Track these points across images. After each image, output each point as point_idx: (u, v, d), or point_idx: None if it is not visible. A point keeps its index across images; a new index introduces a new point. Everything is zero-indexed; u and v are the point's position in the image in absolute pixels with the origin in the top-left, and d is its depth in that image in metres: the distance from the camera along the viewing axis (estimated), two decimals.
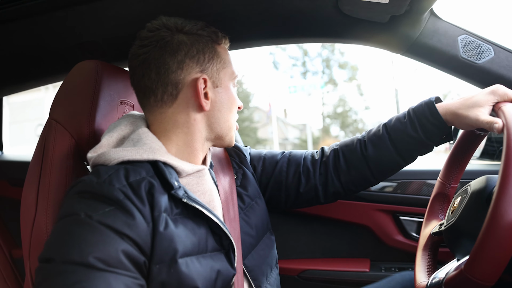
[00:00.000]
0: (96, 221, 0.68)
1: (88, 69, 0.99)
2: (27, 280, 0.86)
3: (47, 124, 0.98)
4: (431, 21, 1.15)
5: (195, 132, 0.90)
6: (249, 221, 1.00)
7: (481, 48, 1.13)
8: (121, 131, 0.89)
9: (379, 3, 1.03)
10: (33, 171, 0.93)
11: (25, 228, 0.89)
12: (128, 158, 0.81)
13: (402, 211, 1.55)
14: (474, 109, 0.87)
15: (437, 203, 1.07)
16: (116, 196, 0.72)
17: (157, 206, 0.75)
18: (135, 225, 0.71)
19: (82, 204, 0.71)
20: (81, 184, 0.75)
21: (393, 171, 1.06)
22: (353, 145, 1.08)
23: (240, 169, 1.09)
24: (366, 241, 1.62)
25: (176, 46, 0.87)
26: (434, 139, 0.97)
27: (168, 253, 0.74)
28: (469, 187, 0.88)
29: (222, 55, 0.93)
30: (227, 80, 0.94)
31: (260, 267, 0.98)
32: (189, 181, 0.88)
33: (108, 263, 0.64)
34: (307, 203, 1.13)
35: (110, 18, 1.18)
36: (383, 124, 1.06)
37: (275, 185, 1.12)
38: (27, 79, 1.70)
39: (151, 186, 0.78)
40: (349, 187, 1.09)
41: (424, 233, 1.04)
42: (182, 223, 0.79)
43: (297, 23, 1.25)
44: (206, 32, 0.91)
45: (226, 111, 0.94)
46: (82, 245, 0.65)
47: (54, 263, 0.64)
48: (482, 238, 0.63)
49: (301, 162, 1.12)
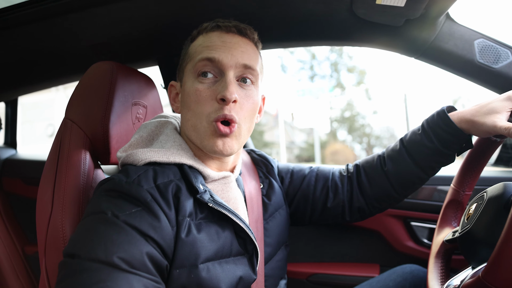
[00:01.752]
0: (122, 221, 0.68)
1: (104, 70, 1.01)
2: (42, 276, 0.87)
3: (63, 123, 1.00)
4: (446, 24, 1.14)
5: (184, 134, 0.91)
6: (270, 230, 1.00)
7: (499, 52, 1.12)
8: (151, 131, 0.91)
9: (394, 6, 1.03)
10: (49, 170, 0.94)
11: (41, 226, 0.90)
12: (155, 159, 0.82)
13: (413, 217, 1.53)
14: (491, 115, 0.86)
15: (450, 210, 1.06)
16: (144, 197, 0.73)
17: (182, 210, 0.76)
18: (160, 227, 0.71)
19: (109, 203, 0.72)
20: (110, 182, 0.76)
21: (415, 184, 1.04)
22: (373, 161, 1.09)
23: (267, 179, 1.09)
24: (376, 246, 1.61)
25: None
26: (452, 148, 0.96)
27: (189, 259, 0.74)
28: (485, 194, 0.86)
29: (190, 50, 0.90)
30: (188, 75, 0.88)
31: (274, 277, 0.98)
32: (214, 187, 0.88)
33: (131, 264, 0.65)
34: (333, 219, 1.13)
35: (124, 20, 1.18)
36: (400, 139, 1.06)
37: (301, 199, 1.12)
38: (42, 79, 1.73)
39: (178, 189, 0.78)
40: (372, 203, 1.09)
41: (437, 240, 1.03)
42: (206, 228, 0.79)
43: (311, 26, 1.25)
44: (190, 36, 0.95)
45: (184, 109, 0.88)
46: (107, 244, 0.65)
47: (79, 259, 0.64)
48: (501, 245, 0.61)
49: (329, 177, 1.12)
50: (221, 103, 0.81)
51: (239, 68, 0.85)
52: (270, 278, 0.96)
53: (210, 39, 0.87)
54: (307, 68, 20.37)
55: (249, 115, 0.87)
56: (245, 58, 0.86)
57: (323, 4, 1.11)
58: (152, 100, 1.15)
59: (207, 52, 0.84)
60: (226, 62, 0.83)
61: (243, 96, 0.86)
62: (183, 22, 1.21)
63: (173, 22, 1.21)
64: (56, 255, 0.84)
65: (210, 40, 0.87)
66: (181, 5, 1.12)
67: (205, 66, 0.84)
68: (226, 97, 0.80)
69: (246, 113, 0.86)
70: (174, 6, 1.12)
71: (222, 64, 0.84)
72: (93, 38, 1.31)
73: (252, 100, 0.88)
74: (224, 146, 0.83)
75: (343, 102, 21.06)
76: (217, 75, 0.85)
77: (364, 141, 21.27)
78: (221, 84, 0.83)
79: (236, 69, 0.85)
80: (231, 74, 0.84)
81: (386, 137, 20.94)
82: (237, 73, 0.86)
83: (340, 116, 20.93)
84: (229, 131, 0.82)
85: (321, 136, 20.81)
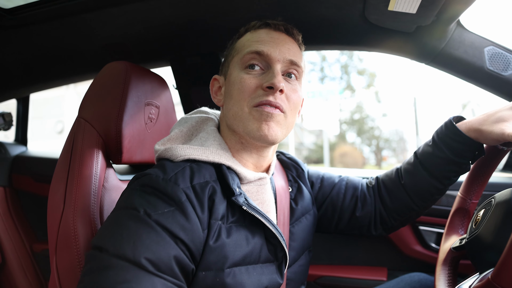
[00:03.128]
0: (154, 220, 0.68)
1: (118, 70, 1.02)
2: (52, 275, 0.87)
3: (76, 122, 1.01)
4: (457, 32, 1.14)
5: (224, 129, 0.92)
6: (295, 235, 0.99)
7: (508, 60, 1.12)
8: (191, 127, 0.91)
9: (406, 13, 1.03)
10: (61, 168, 0.95)
11: (52, 224, 0.90)
12: (194, 157, 0.82)
13: (422, 221, 1.53)
14: (499, 124, 0.87)
15: (457, 218, 1.06)
16: (179, 197, 0.72)
17: (215, 213, 0.76)
18: (191, 230, 0.71)
19: (143, 199, 0.71)
20: (146, 177, 0.76)
21: (434, 195, 1.05)
22: (392, 175, 1.11)
23: (296, 183, 1.08)
24: (384, 250, 1.61)
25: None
26: (465, 156, 0.97)
27: (216, 263, 0.74)
28: (493, 200, 0.87)
29: (237, 45, 0.92)
30: (233, 66, 0.89)
31: (295, 282, 0.98)
32: (249, 188, 0.88)
33: (158, 267, 0.65)
34: (358, 230, 1.13)
35: (139, 21, 1.20)
36: (414, 152, 1.08)
37: (330, 206, 1.12)
38: (55, 78, 1.75)
39: (213, 191, 0.78)
40: (394, 216, 1.10)
41: (444, 247, 1.03)
42: (236, 232, 0.78)
43: (323, 30, 1.26)
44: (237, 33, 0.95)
45: (227, 99, 0.88)
46: (137, 243, 0.65)
47: (107, 254, 0.64)
48: (510, 247, 0.62)
49: (358, 187, 1.13)
50: (267, 90, 0.82)
51: (286, 63, 0.87)
52: (291, 282, 0.96)
53: (258, 35, 0.89)
54: (318, 70, 20.29)
55: (294, 108, 0.88)
56: (291, 54, 0.87)
57: (335, 9, 1.12)
58: (165, 100, 1.17)
59: (256, 45, 0.86)
60: (274, 56, 0.85)
61: (289, 88, 0.87)
62: (196, 24, 1.22)
63: (186, 24, 1.23)
64: (67, 254, 0.84)
65: (259, 36, 0.89)
66: (194, 8, 1.13)
67: (252, 58, 0.86)
68: (275, 84, 0.81)
69: (292, 105, 0.87)
70: (188, 8, 1.14)
71: (270, 57, 0.85)
72: (108, 38, 1.33)
73: (298, 94, 0.89)
74: (269, 131, 0.82)
75: (352, 104, 20.94)
76: (264, 68, 0.86)
77: (373, 143, 21.13)
78: (268, 74, 0.84)
79: (283, 63, 0.86)
80: (278, 67, 0.85)
81: (395, 140, 20.79)
82: (283, 68, 0.87)
83: (349, 118, 20.82)
84: (274, 112, 0.82)
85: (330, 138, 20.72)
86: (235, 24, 1.19)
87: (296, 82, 0.89)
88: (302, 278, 1.02)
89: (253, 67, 0.86)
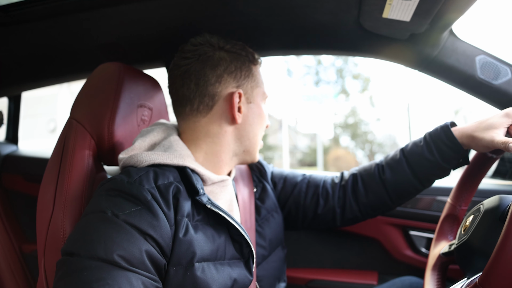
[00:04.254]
0: (122, 220, 0.70)
1: (111, 71, 1.02)
2: (40, 277, 0.87)
3: (68, 123, 1.00)
4: (450, 40, 1.16)
5: (224, 144, 0.95)
6: (263, 233, 1.02)
7: (499, 69, 1.14)
8: (154, 137, 0.93)
9: (400, 21, 1.04)
10: (51, 169, 0.95)
11: (41, 226, 0.90)
12: (158, 161, 0.84)
13: (412, 226, 1.55)
14: (489, 131, 0.90)
15: (446, 224, 1.07)
16: (145, 196, 0.74)
17: (180, 211, 0.78)
18: (159, 226, 0.73)
19: (109, 202, 0.73)
20: (111, 182, 0.78)
21: (411, 194, 1.08)
22: (371, 169, 1.11)
23: (260, 183, 1.13)
24: (375, 254, 1.62)
25: (217, 61, 0.93)
26: (451, 163, 1.00)
27: (185, 257, 0.76)
28: (482, 206, 0.88)
29: (256, 75, 1.01)
30: (259, 98, 1.01)
31: (269, 278, 1.00)
32: (213, 189, 0.91)
33: (131, 262, 0.67)
34: (324, 225, 1.16)
35: (135, 21, 1.20)
36: (400, 149, 1.09)
37: (293, 205, 1.15)
38: (48, 76, 1.74)
39: (177, 190, 0.81)
40: (367, 210, 1.11)
41: (433, 253, 1.04)
42: (202, 230, 0.81)
43: (318, 36, 1.27)
44: (245, 52, 0.98)
45: (257, 126, 0.99)
46: (107, 243, 0.66)
47: (79, 257, 0.65)
48: (498, 251, 0.63)
49: (320, 185, 1.15)
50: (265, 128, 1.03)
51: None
52: (264, 279, 0.98)
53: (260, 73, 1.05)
54: (313, 73, 20.35)
55: None
56: None
57: (331, 15, 1.13)
58: (158, 102, 1.17)
59: (267, 90, 1.05)
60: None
61: None
62: (192, 26, 1.22)
63: (182, 26, 1.23)
64: (56, 255, 0.84)
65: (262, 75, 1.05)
66: (191, 9, 1.13)
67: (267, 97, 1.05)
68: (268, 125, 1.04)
69: None
70: (184, 10, 1.14)
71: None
72: (102, 38, 1.32)
73: None
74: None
75: (347, 109, 21.04)
76: None
77: (367, 147, 21.23)
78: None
79: None
80: None
81: (388, 145, 20.90)
82: None
83: (343, 122, 20.91)
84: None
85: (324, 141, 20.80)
86: (230, 27, 1.19)
87: None
88: (277, 273, 1.04)
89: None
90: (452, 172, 1.04)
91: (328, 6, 1.08)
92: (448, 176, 1.04)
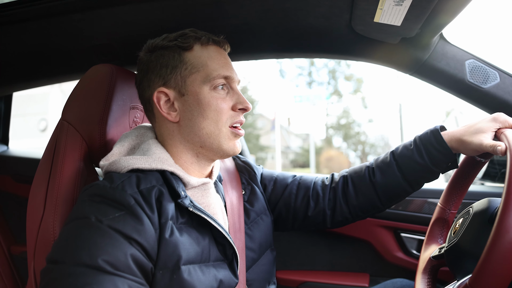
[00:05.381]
0: (106, 225, 0.70)
1: (103, 73, 1.01)
2: (30, 280, 0.86)
3: (59, 125, 1.00)
4: (440, 44, 1.18)
5: (179, 145, 0.93)
6: (253, 236, 1.02)
7: (487, 73, 1.16)
8: (132, 141, 0.93)
9: (391, 25, 1.06)
10: (42, 171, 0.94)
11: (31, 228, 0.89)
12: (137, 166, 0.84)
13: (403, 228, 1.56)
14: (478, 135, 0.92)
15: (436, 228, 1.09)
16: (128, 201, 0.74)
17: (164, 214, 0.78)
18: (144, 230, 0.73)
19: (93, 207, 0.73)
20: (94, 187, 0.78)
21: (400, 197, 1.09)
22: (361, 171, 1.12)
23: (249, 185, 1.12)
24: (367, 256, 1.63)
25: (146, 67, 0.94)
26: (440, 166, 1.01)
27: (172, 260, 0.76)
28: (471, 209, 0.90)
29: (190, 60, 0.91)
30: (198, 84, 0.90)
31: (259, 281, 1.00)
32: (193, 193, 0.90)
33: (116, 266, 0.66)
34: (315, 227, 1.15)
35: (127, 23, 1.20)
36: (391, 151, 1.09)
37: (283, 207, 1.14)
38: (40, 77, 1.72)
39: (160, 193, 0.81)
40: (356, 212, 1.12)
41: (424, 256, 1.05)
42: (186, 232, 0.81)
43: (310, 39, 1.28)
44: (174, 42, 0.93)
45: (198, 117, 0.90)
46: (92, 248, 0.66)
47: (64, 265, 0.65)
48: (487, 252, 0.65)
49: (310, 186, 1.14)
50: (239, 111, 0.93)
51: (237, 82, 0.97)
52: (255, 282, 0.98)
53: (212, 53, 0.94)
54: (306, 74, 20.44)
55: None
56: (238, 74, 0.98)
57: (323, 19, 1.13)
58: None
59: (223, 70, 0.92)
60: (235, 79, 0.96)
61: None
62: (185, 28, 1.22)
63: (175, 28, 1.23)
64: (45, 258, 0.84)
65: (215, 55, 0.94)
66: (184, 12, 1.14)
67: (221, 81, 0.92)
68: (248, 108, 0.94)
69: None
70: (177, 13, 1.14)
71: (233, 80, 0.95)
72: (95, 39, 1.32)
73: None
74: (239, 147, 0.95)
75: (339, 110, 21.17)
76: (226, 88, 0.94)
77: (359, 148, 21.37)
78: (234, 96, 0.94)
79: (237, 83, 0.97)
80: (238, 88, 0.96)
81: (380, 146, 21.05)
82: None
83: (336, 123, 21.04)
84: (242, 131, 0.95)
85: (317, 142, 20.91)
86: (223, 30, 1.20)
87: None
88: (267, 276, 1.04)
89: (221, 88, 0.92)
90: (441, 175, 1.06)
91: (320, 10, 1.09)
92: (437, 179, 1.06)
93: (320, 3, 1.06)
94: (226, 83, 0.93)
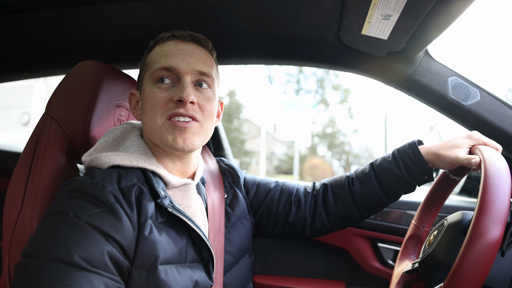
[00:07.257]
0: (84, 221, 0.69)
1: (90, 70, 1.00)
2: (4, 274, 0.85)
3: (42, 119, 0.98)
4: (425, 60, 1.21)
5: (147, 139, 0.94)
6: (232, 240, 1.02)
7: (469, 91, 1.19)
8: (117, 136, 0.93)
9: (378, 38, 1.08)
10: (22, 165, 0.92)
11: (8, 222, 0.88)
12: (119, 163, 0.84)
13: (381, 238, 1.58)
14: (454, 149, 0.96)
15: (410, 244, 1.12)
16: (107, 198, 0.74)
17: (144, 212, 0.78)
18: (122, 228, 0.73)
19: (72, 203, 0.72)
20: (74, 183, 0.77)
21: (377, 208, 1.11)
22: (341, 181, 1.14)
23: (231, 189, 1.12)
24: (344, 264, 1.65)
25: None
26: (416, 178, 1.05)
27: (149, 259, 0.76)
28: (445, 221, 0.93)
29: (148, 60, 0.93)
30: (146, 82, 0.91)
31: (236, 285, 1.00)
32: (174, 193, 0.90)
33: (92, 263, 0.66)
34: (294, 233, 1.16)
35: (117, 21, 1.19)
36: (370, 163, 1.12)
37: (265, 211, 1.15)
38: (25, 70, 1.70)
39: (140, 192, 0.80)
40: (335, 221, 1.13)
41: (397, 271, 1.08)
42: (165, 232, 0.81)
43: (298, 47, 1.30)
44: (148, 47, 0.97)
45: (143, 114, 0.91)
46: (68, 244, 0.66)
47: (38, 259, 0.64)
48: (461, 256, 0.67)
49: (293, 192, 1.16)
50: (178, 103, 0.85)
51: (195, 74, 0.90)
52: (232, 286, 0.99)
53: (166, 48, 0.91)
54: (294, 81, 20.57)
55: (209, 116, 0.91)
56: (200, 65, 0.90)
57: (312, 28, 1.15)
58: None
59: (164, 61, 0.88)
60: (183, 68, 0.88)
61: (201, 98, 0.90)
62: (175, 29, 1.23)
63: (164, 29, 1.23)
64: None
65: (167, 49, 0.91)
66: (174, 13, 1.14)
67: (162, 73, 0.88)
68: (183, 98, 0.84)
69: (206, 114, 0.90)
70: (167, 14, 1.14)
71: (178, 71, 0.88)
72: (83, 35, 1.31)
73: (211, 102, 0.92)
74: (185, 142, 0.86)
75: (325, 118, 21.34)
76: (174, 81, 0.89)
77: (343, 158, 21.55)
78: (178, 88, 0.87)
79: (192, 75, 0.89)
80: (188, 79, 0.88)
81: (364, 156, 21.29)
82: (193, 78, 0.89)
83: (321, 132, 21.19)
84: (187, 125, 0.86)
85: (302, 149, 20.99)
86: (213, 33, 1.20)
87: (209, 89, 0.93)
88: (244, 281, 1.05)
89: (163, 81, 0.88)
90: (417, 188, 1.09)
91: (309, 19, 1.11)
92: (413, 191, 1.09)
93: (310, 13, 1.07)
94: (170, 75, 0.88)
